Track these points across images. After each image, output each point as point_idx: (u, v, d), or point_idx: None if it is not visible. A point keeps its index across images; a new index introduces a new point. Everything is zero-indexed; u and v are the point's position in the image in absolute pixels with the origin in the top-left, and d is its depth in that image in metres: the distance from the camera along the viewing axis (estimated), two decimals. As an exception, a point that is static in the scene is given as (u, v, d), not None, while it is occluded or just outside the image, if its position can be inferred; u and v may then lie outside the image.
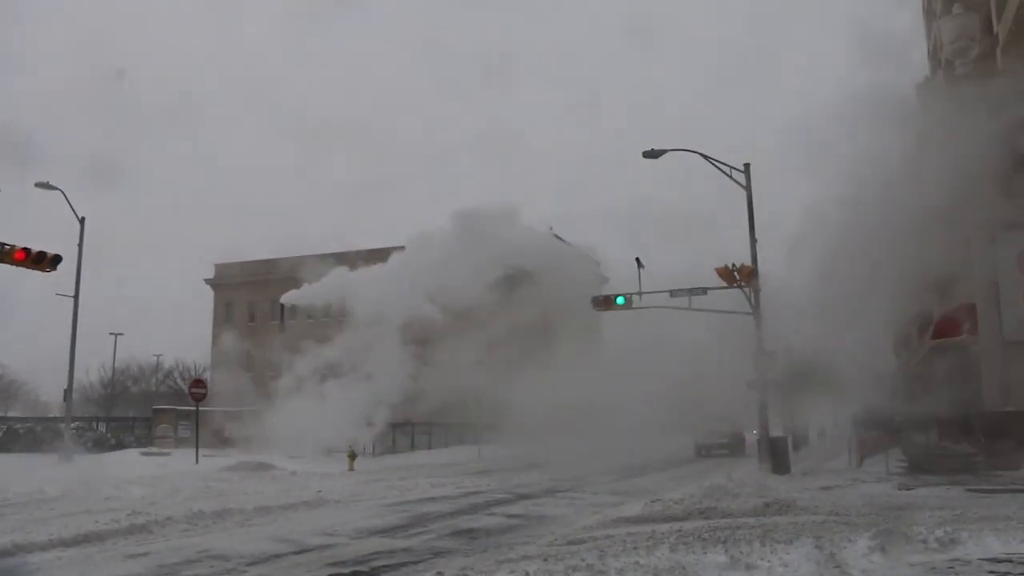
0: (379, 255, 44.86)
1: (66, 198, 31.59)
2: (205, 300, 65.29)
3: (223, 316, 64.21)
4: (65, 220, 32.08)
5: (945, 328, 23.18)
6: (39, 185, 30.58)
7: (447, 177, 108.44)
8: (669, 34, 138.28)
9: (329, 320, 49.25)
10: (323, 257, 46.00)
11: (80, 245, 32.18)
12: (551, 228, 46.27)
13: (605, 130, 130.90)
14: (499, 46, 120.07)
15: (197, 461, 30.22)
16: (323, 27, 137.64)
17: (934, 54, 34.34)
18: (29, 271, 20.22)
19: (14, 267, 19.78)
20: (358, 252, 48.57)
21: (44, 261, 20.08)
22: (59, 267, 20.83)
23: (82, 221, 32.28)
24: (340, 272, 40.98)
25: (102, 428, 45.21)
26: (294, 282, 44.63)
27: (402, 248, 40.54)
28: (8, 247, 19.39)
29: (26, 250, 19.65)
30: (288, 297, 44.18)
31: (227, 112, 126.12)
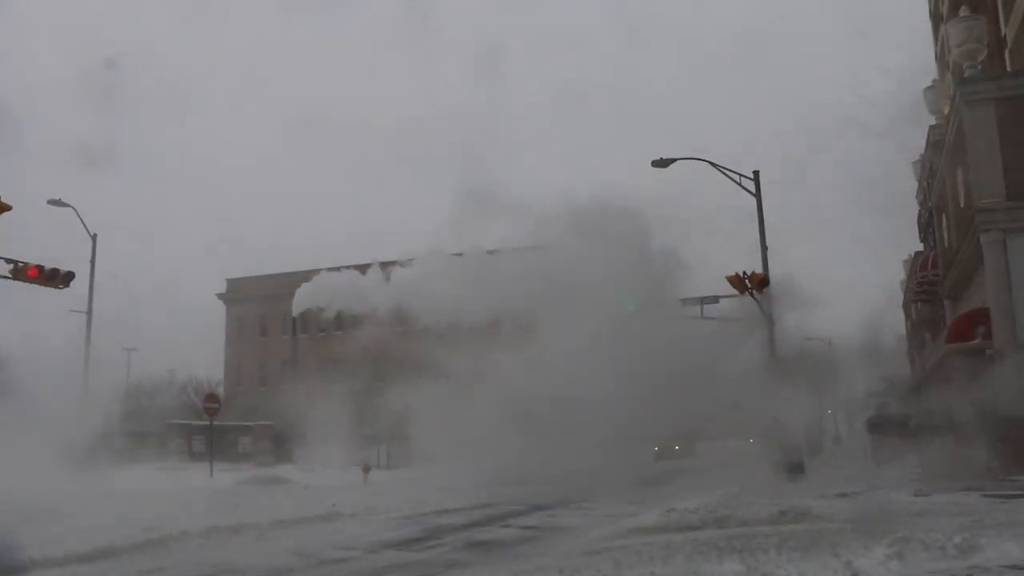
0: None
1: (78, 215, 31.82)
2: (217, 315, 65.60)
3: (235, 330, 64.48)
4: (77, 236, 32.31)
5: (959, 332, 23.01)
6: (51, 202, 30.81)
7: (443, 176, 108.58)
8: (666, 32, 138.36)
9: (341, 333, 49.40)
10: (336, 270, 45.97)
11: (92, 262, 32.40)
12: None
13: (603, 131, 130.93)
14: (493, 41, 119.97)
15: (211, 475, 30.31)
16: (312, 22, 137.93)
17: (941, 57, 34.34)
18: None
19: (28, 284, 19.95)
20: (379, 264, 48.56)
21: (57, 278, 20.25)
22: (71, 283, 20.98)
23: (94, 238, 32.50)
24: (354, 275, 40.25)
25: (117, 443, 45.26)
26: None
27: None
28: (22, 264, 19.56)
29: (40, 267, 19.83)
30: (302, 299, 43.88)
31: (228, 118, 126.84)
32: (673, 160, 25.38)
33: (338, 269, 45.10)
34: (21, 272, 19.55)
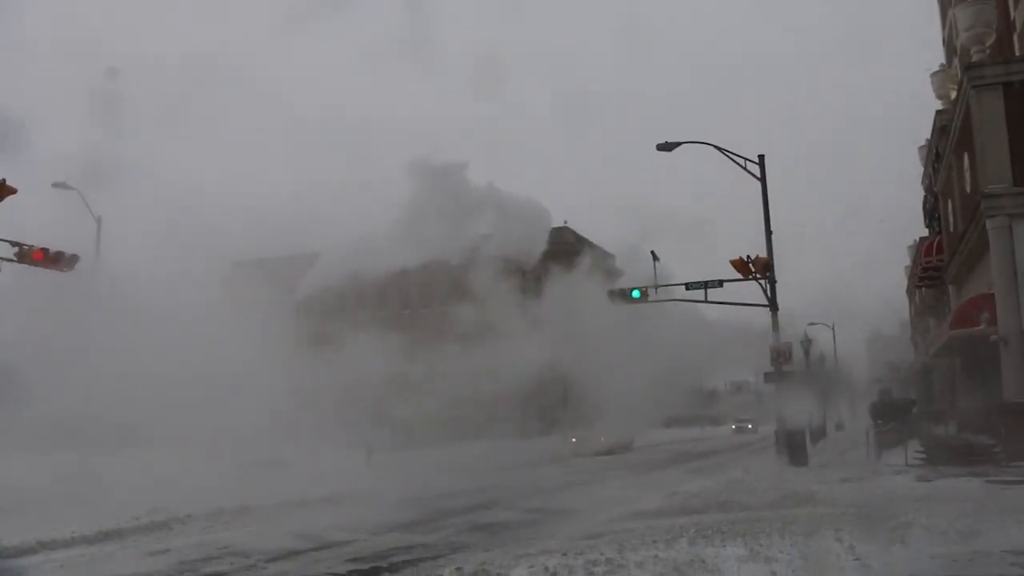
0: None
1: (83, 198, 31.79)
2: (221, 298, 65.51)
3: (238, 314, 64.42)
4: (80, 221, 32.24)
5: (963, 318, 22.99)
6: (56, 185, 30.73)
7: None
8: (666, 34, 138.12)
9: (345, 316, 49.33)
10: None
11: (97, 244, 32.37)
12: (565, 222, 46.21)
13: (606, 128, 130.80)
14: (495, 43, 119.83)
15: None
16: (317, 26, 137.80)
17: (949, 41, 34.12)
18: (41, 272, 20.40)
19: (32, 267, 19.98)
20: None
21: (62, 261, 20.26)
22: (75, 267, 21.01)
23: (99, 220, 32.47)
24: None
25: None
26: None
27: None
28: (27, 247, 19.56)
29: (44, 250, 19.83)
30: (302, 289, 44.00)
31: (225, 113, 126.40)
32: (678, 144, 25.23)
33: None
34: (26, 255, 19.55)
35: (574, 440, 35.52)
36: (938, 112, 29.99)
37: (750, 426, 70.16)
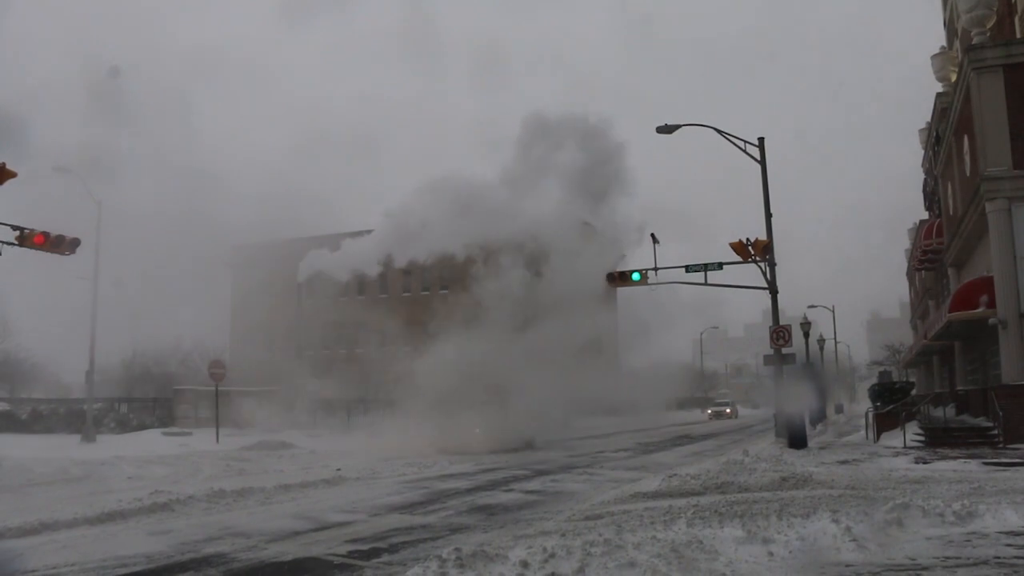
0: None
1: (83, 182, 31.79)
2: (223, 281, 65.51)
3: (241, 297, 64.50)
4: (83, 205, 32.25)
5: (962, 301, 23.02)
6: (57, 169, 30.75)
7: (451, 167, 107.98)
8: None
9: (346, 299, 49.45)
10: (339, 236, 45.97)
11: (98, 228, 32.40)
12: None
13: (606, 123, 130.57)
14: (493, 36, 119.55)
15: (218, 440, 30.59)
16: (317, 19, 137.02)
17: (950, 23, 33.97)
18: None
19: (34, 251, 20.00)
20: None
21: (63, 244, 20.28)
22: (78, 251, 21.02)
23: (99, 204, 32.48)
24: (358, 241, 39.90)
25: (124, 409, 45.61)
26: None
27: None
28: (28, 231, 19.59)
29: (45, 234, 19.86)
30: (305, 266, 43.98)
31: (226, 104, 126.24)
32: (678, 126, 25.21)
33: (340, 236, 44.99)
34: (27, 239, 19.58)
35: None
36: (938, 95, 29.90)
37: (727, 410, 66.11)
